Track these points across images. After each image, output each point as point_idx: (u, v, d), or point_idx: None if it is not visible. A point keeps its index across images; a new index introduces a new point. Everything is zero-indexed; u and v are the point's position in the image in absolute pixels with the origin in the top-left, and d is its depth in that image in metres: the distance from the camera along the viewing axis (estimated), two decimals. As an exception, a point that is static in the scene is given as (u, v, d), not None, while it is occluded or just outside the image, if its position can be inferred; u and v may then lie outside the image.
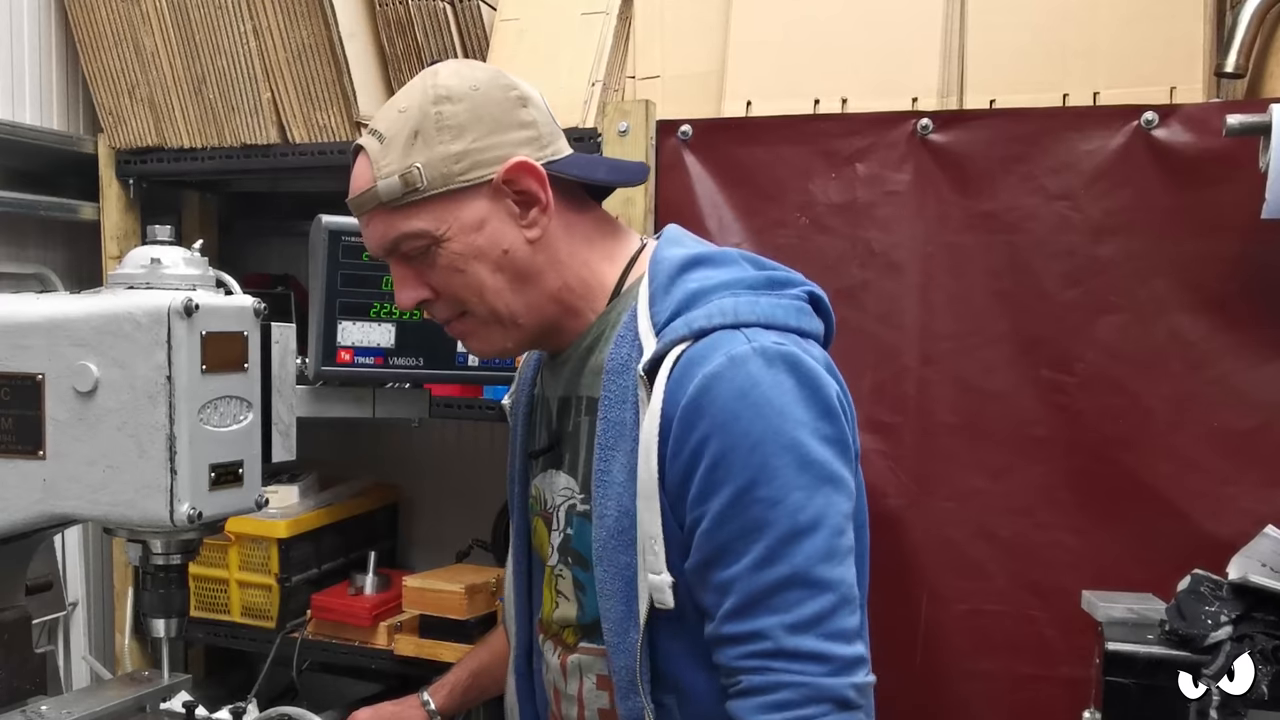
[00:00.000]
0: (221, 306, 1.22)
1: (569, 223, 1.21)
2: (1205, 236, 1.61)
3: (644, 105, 1.85)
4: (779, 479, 1.04)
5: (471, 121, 1.15)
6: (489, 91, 1.17)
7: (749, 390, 1.05)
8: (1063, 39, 1.75)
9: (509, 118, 1.17)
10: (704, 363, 1.06)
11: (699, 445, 1.06)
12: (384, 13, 2.01)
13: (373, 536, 2.48)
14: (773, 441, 1.04)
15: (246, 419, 1.25)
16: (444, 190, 1.15)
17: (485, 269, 1.17)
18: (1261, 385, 1.60)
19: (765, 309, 1.11)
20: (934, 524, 1.74)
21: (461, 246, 1.16)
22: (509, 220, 1.17)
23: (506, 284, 1.18)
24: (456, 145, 1.15)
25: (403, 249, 1.19)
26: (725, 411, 1.05)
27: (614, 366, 1.16)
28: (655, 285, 1.15)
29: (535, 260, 1.18)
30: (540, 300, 1.20)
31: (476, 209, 1.16)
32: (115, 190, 2.30)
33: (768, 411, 1.04)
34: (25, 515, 1.23)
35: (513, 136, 1.16)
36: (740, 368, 1.06)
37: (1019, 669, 1.70)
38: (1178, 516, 1.62)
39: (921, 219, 1.74)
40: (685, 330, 1.09)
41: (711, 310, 1.10)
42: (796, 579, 1.03)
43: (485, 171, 1.15)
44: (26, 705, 1.30)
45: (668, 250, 1.19)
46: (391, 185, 1.16)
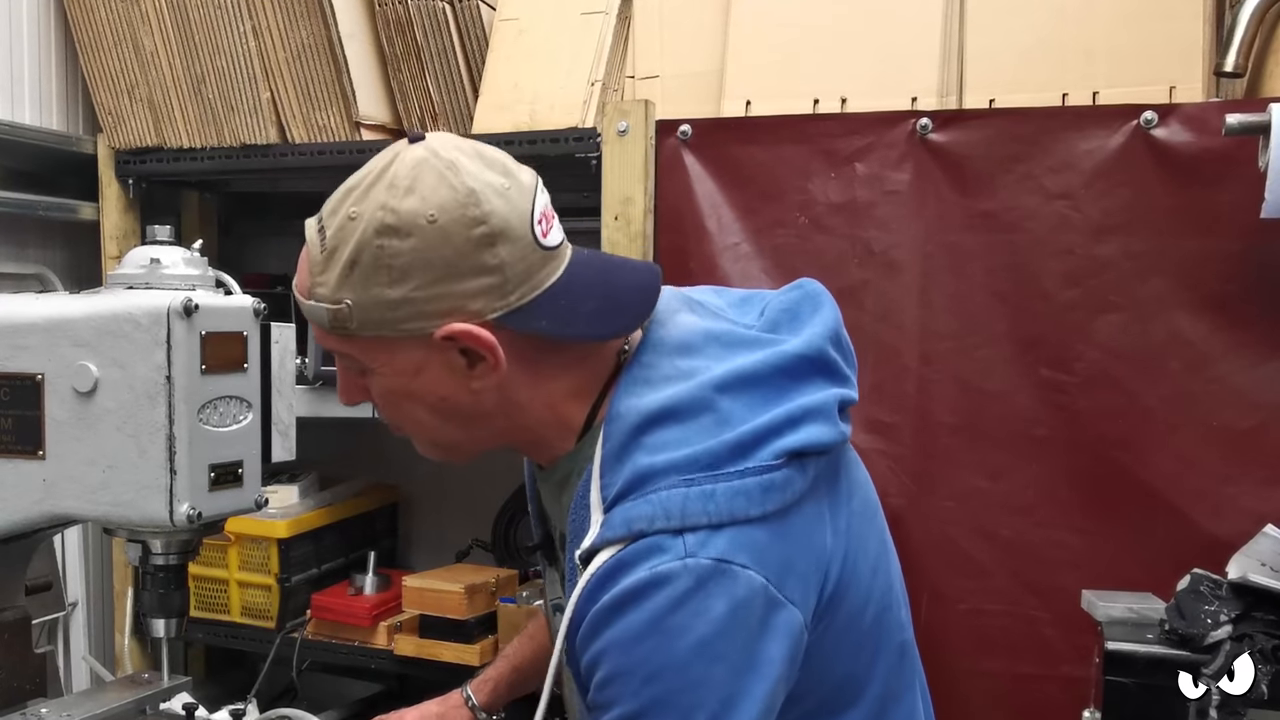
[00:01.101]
0: (221, 306, 1.22)
1: (534, 365, 1.05)
2: (1205, 236, 1.61)
3: (643, 105, 1.85)
4: (674, 714, 0.93)
5: (417, 266, 0.97)
6: (448, 227, 0.97)
7: (666, 614, 0.93)
8: (1062, 39, 1.75)
9: (466, 263, 0.98)
10: (626, 574, 0.95)
11: (596, 657, 0.96)
12: (383, 12, 2.01)
13: (372, 536, 2.48)
14: (675, 675, 0.93)
15: (246, 419, 1.25)
16: (375, 335, 1.01)
17: (421, 409, 1.06)
18: (1261, 385, 1.60)
19: (721, 502, 0.96)
20: (934, 523, 1.74)
21: (394, 385, 1.05)
22: (452, 371, 1.03)
23: (444, 422, 1.07)
24: (395, 292, 0.98)
25: (337, 360, 1.10)
26: (629, 631, 0.94)
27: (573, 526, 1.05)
28: (609, 447, 1.02)
29: (481, 405, 1.05)
30: (487, 436, 1.09)
31: (412, 356, 1.02)
32: (115, 190, 2.29)
33: (679, 642, 0.93)
34: (25, 515, 1.23)
35: (466, 286, 0.98)
36: (662, 588, 0.93)
37: (1019, 668, 1.70)
38: (1177, 516, 1.62)
39: (921, 219, 1.74)
40: (624, 530, 0.97)
41: (654, 509, 0.96)
42: None
43: (425, 324, 1.00)
44: (26, 708, 1.30)
45: (628, 400, 1.02)
46: (319, 313, 1.02)
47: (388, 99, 2.09)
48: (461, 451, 1.13)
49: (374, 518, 2.52)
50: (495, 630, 2.10)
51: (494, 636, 2.10)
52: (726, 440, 0.99)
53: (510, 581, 2.18)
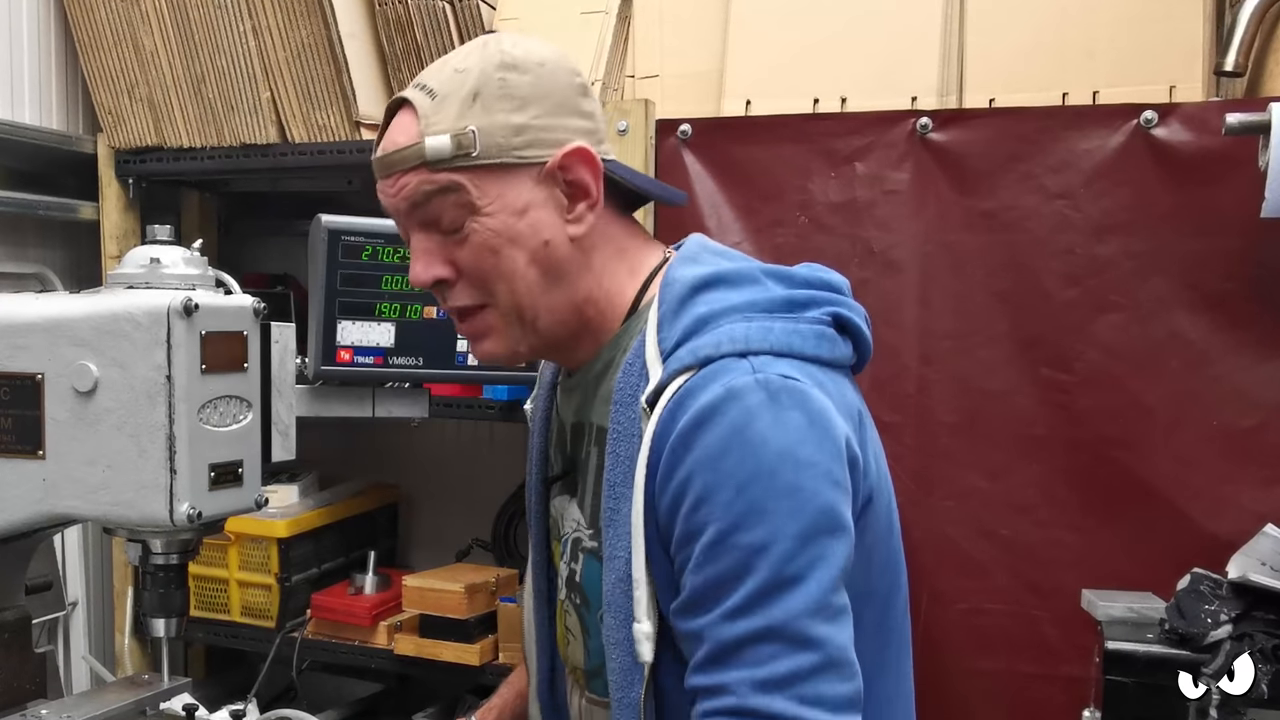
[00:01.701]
0: (221, 306, 1.22)
1: (606, 231, 1.12)
2: (1205, 235, 1.61)
3: (643, 104, 1.85)
4: (767, 524, 0.93)
5: (536, 96, 1.06)
6: (555, 71, 1.08)
7: (744, 426, 0.95)
8: (1062, 38, 1.75)
9: (572, 102, 1.08)
10: (701, 394, 0.97)
11: (683, 483, 0.97)
12: (383, 12, 2.01)
13: (372, 536, 2.48)
14: (765, 483, 0.94)
15: (246, 419, 1.25)
16: (497, 162, 1.05)
17: (522, 256, 1.07)
18: (1261, 384, 1.60)
19: (779, 336, 1.01)
20: (934, 523, 1.74)
21: (501, 225, 1.06)
22: (555, 210, 1.07)
23: (539, 278, 1.08)
24: (518, 117, 1.05)
25: (434, 212, 1.08)
26: (713, 447, 0.95)
27: (621, 397, 1.07)
28: (665, 308, 1.06)
29: (572, 260, 1.09)
30: (564, 305, 1.11)
31: (524, 190, 1.06)
32: (115, 190, 2.29)
33: (763, 450, 0.94)
34: (25, 515, 1.22)
35: (574, 123, 1.08)
36: (738, 400, 0.96)
37: (1019, 668, 1.70)
38: (1177, 515, 1.62)
39: (921, 218, 1.74)
40: (690, 359, 1.00)
41: (719, 337, 1.01)
42: (773, 632, 0.93)
43: (543, 152, 1.06)
44: (26, 709, 1.30)
45: (680, 269, 1.09)
46: (440, 144, 1.04)
47: (388, 98, 2.09)
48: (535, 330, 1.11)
49: (374, 517, 2.52)
50: (495, 630, 2.10)
51: (494, 636, 2.10)
52: (779, 295, 1.06)
53: (510, 581, 2.18)
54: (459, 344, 1.58)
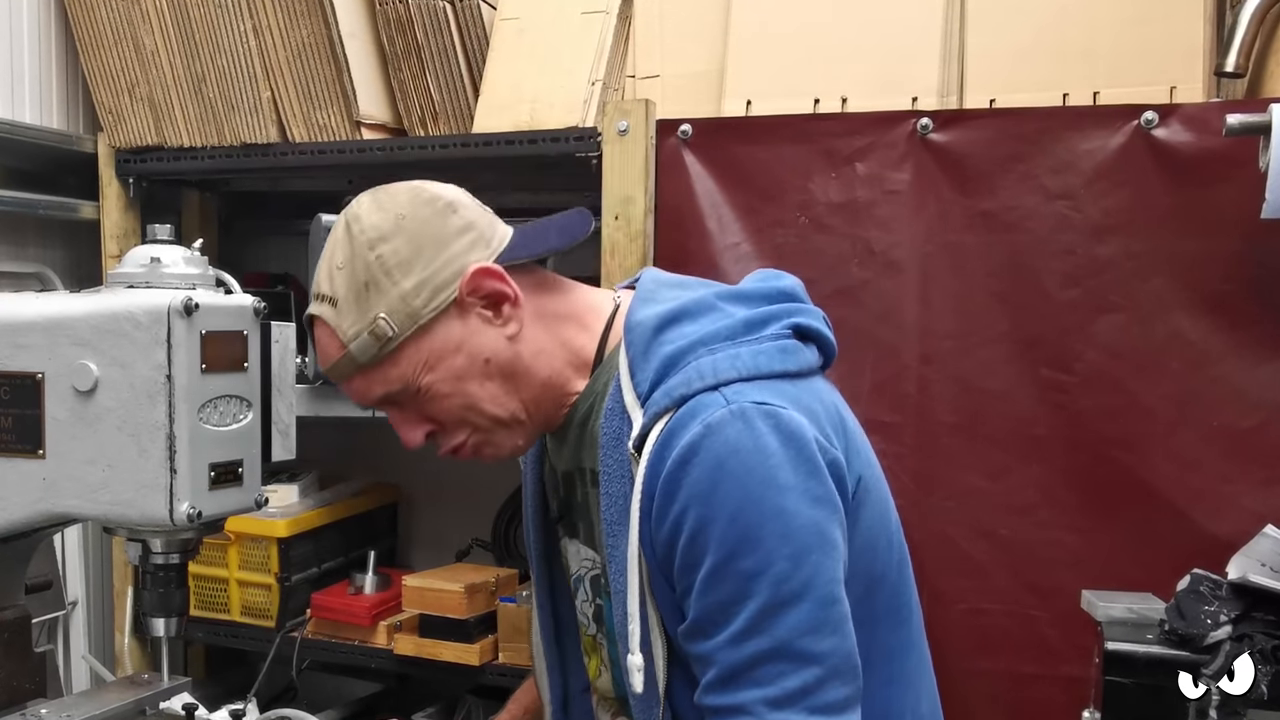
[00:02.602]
0: (221, 306, 1.22)
1: (538, 307, 1.17)
2: (1205, 236, 1.61)
3: (644, 104, 1.85)
4: (761, 549, 0.99)
5: (413, 251, 1.11)
6: (415, 213, 1.13)
7: (727, 458, 1.00)
8: (1063, 39, 1.75)
9: (446, 230, 1.13)
10: (682, 433, 1.02)
11: (678, 518, 1.02)
12: (384, 12, 2.01)
13: (372, 536, 2.48)
14: (754, 510, 0.99)
15: (246, 418, 1.25)
16: (415, 328, 1.12)
17: (474, 383, 1.15)
18: (1261, 384, 1.60)
19: (746, 360, 1.06)
20: (934, 523, 1.74)
21: (444, 373, 1.14)
22: (482, 327, 1.14)
23: (499, 388, 1.16)
24: (410, 281, 1.11)
25: (390, 397, 1.17)
26: (702, 482, 1.00)
27: (607, 440, 1.12)
28: (633, 351, 1.11)
29: (520, 356, 1.15)
30: (535, 392, 1.17)
31: (450, 332, 1.13)
32: (115, 189, 2.29)
33: (747, 480, 1.00)
34: (25, 514, 1.22)
35: (457, 247, 1.13)
36: (717, 435, 1.01)
37: (1019, 668, 1.70)
38: (1177, 516, 1.62)
39: (921, 218, 1.74)
40: (667, 401, 1.05)
41: (690, 374, 1.05)
42: (780, 652, 0.99)
43: (447, 294, 1.12)
44: (26, 708, 1.30)
45: (640, 311, 1.14)
46: (364, 345, 1.13)
47: (388, 98, 2.09)
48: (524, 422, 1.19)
49: (374, 517, 2.52)
50: (495, 630, 2.10)
51: (494, 636, 2.10)
52: (739, 319, 1.11)
53: (510, 581, 2.18)
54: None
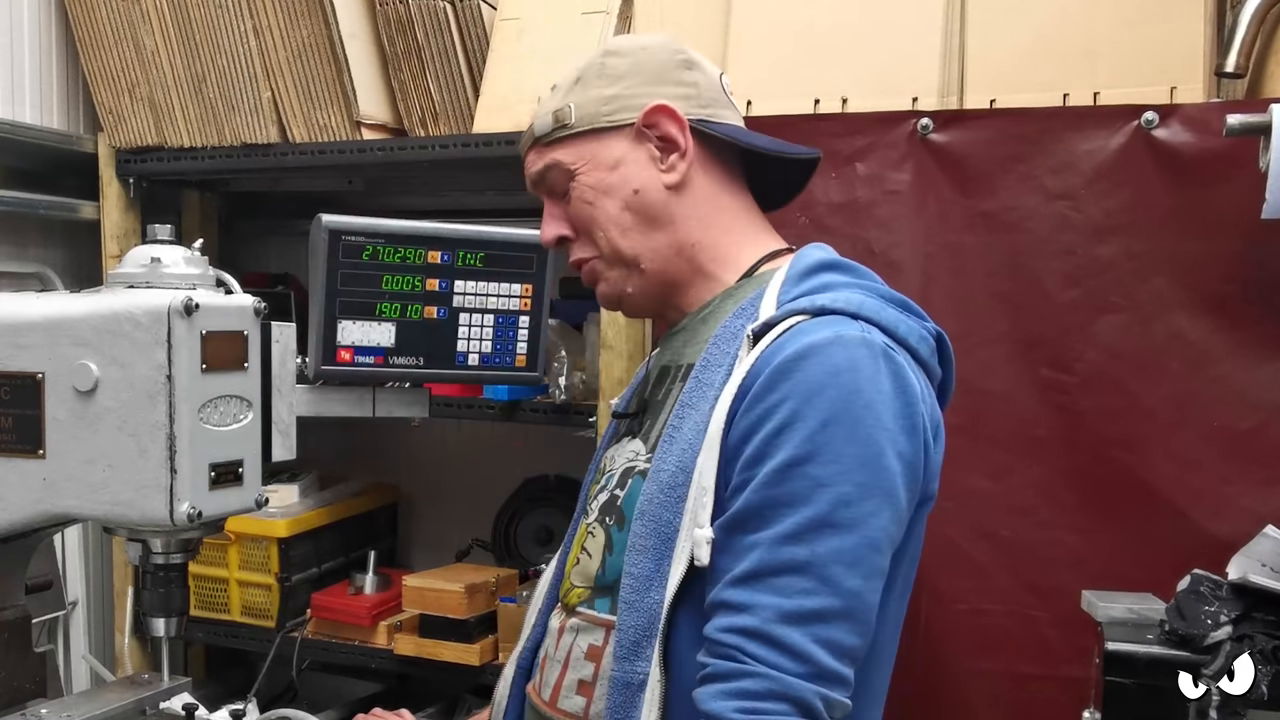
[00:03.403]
0: (221, 306, 1.22)
1: (718, 189, 1.23)
2: (1205, 236, 1.61)
3: (644, 105, 1.84)
4: (838, 464, 0.99)
5: (630, 71, 1.20)
6: (655, 51, 1.22)
7: (844, 370, 1.01)
8: (1063, 39, 1.75)
9: (668, 74, 1.21)
10: (812, 333, 1.04)
11: (774, 405, 1.02)
12: (384, 12, 2.01)
13: (372, 536, 2.48)
14: (848, 425, 1.00)
15: (246, 418, 1.25)
16: (589, 128, 1.20)
17: (614, 205, 1.20)
18: (1261, 385, 1.60)
19: (891, 318, 1.09)
20: (934, 523, 1.72)
21: (594, 181, 1.20)
22: (647, 163, 1.20)
23: (635, 222, 1.20)
24: (610, 90, 1.20)
25: (547, 181, 1.24)
26: (813, 381, 1.01)
27: (723, 334, 1.14)
28: (791, 273, 1.15)
29: (669, 206, 1.20)
30: (666, 248, 1.21)
31: (616, 149, 1.20)
32: (115, 189, 2.30)
33: (854, 399, 1.00)
34: (25, 514, 1.22)
35: (666, 90, 1.20)
36: (844, 348, 1.02)
37: (1019, 668, 1.70)
38: (1178, 516, 1.62)
39: (921, 219, 1.74)
40: (807, 305, 1.08)
41: (837, 296, 1.09)
42: (812, 568, 0.98)
43: (630, 115, 1.19)
44: (26, 708, 1.30)
45: (813, 251, 1.19)
46: (545, 121, 1.22)
47: (388, 98, 2.10)
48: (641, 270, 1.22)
49: (374, 517, 2.52)
50: (495, 630, 2.10)
51: (494, 636, 2.10)
52: (895, 296, 1.16)
53: (510, 581, 2.18)
54: (459, 344, 1.58)
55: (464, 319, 1.57)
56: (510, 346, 1.60)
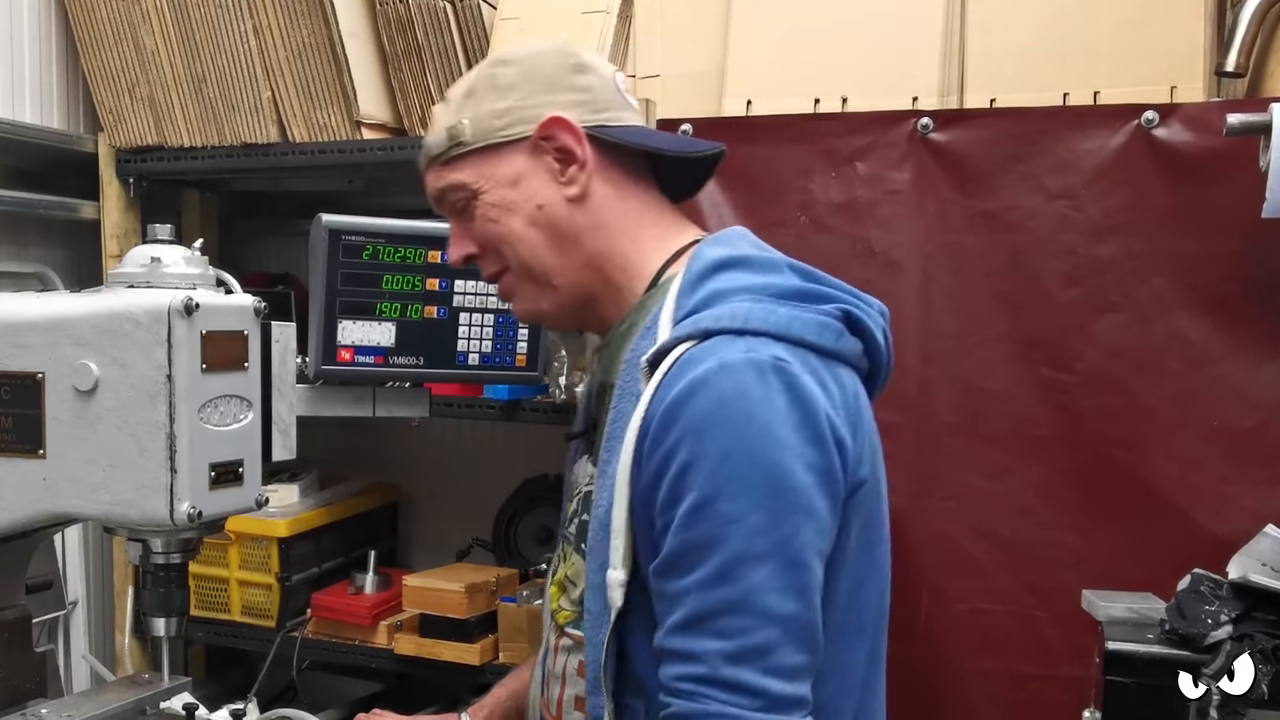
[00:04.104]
0: (222, 305, 1.22)
1: (622, 194, 1.20)
2: (1205, 236, 1.61)
3: (644, 104, 1.84)
4: (744, 497, 0.98)
5: (520, 81, 1.18)
6: (546, 57, 1.20)
7: (732, 400, 1.00)
8: (1063, 38, 1.75)
9: (560, 80, 1.18)
10: (696, 365, 1.02)
11: (671, 449, 1.01)
12: (384, 11, 2.01)
13: (373, 535, 2.48)
14: (745, 456, 0.99)
15: (246, 418, 1.25)
16: (484, 144, 1.18)
17: (518, 222, 1.18)
18: (1262, 384, 1.60)
19: (781, 320, 1.05)
20: (934, 523, 1.74)
21: (496, 198, 1.18)
22: (548, 177, 1.17)
23: (542, 239, 1.18)
24: (502, 103, 1.17)
25: (449, 200, 1.22)
26: (702, 418, 1.00)
27: (632, 358, 1.12)
28: (685, 281, 1.12)
29: (574, 220, 1.18)
30: (576, 263, 1.19)
31: (514, 164, 1.17)
32: (115, 189, 2.29)
33: (746, 427, 0.99)
34: (25, 514, 1.22)
35: (560, 98, 1.17)
36: (729, 375, 1.00)
37: (1019, 668, 1.70)
38: (1178, 516, 1.62)
39: (922, 218, 1.74)
40: (692, 329, 1.05)
41: (721, 313, 1.06)
42: (744, 605, 0.98)
43: (524, 128, 1.17)
44: (26, 708, 1.30)
45: (710, 249, 1.15)
46: (439, 139, 1.20)
47: (388, 98, 2.09)
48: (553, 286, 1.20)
49: (374, 517, 2.52)
50: (495, 630, 2.10)
51: (494, 636, 2.10)
52: (794, 284, 1.11)
53: (511, 581, 2.18)
54: (459, 343, 1.58)
55: (464, 319, 1.57)
56: (510, 346, 1.61)
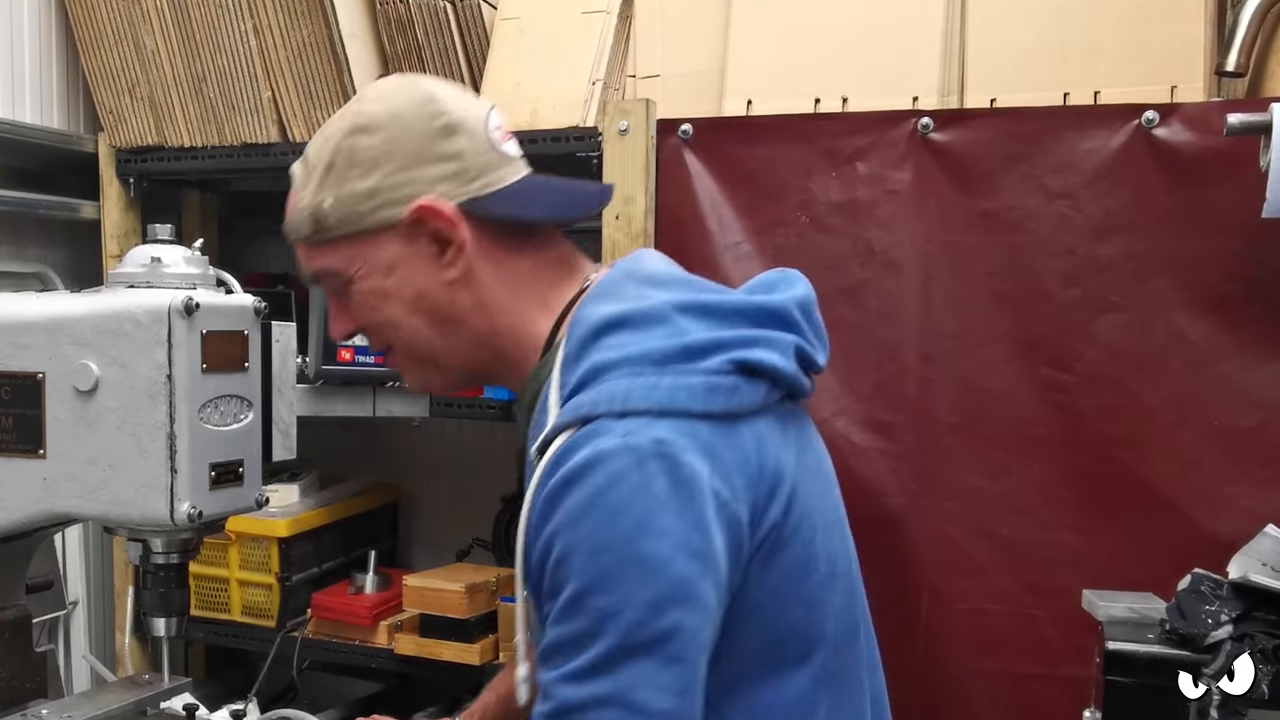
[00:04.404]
0: (222, 305, 1.22)
1: (504, 267, 1.11)
2: (1206, 236, 1.61)
3: (644, 104, 1.85)
4: (620, 589, 0.94)
5: (385, 155, 1.07)
6: (409, 121, 1.08)
7: (607, 490, 0.95)
8: (1064, 38, 1.75)
9: (428, 149, 1.08)
10: (573, 455, 0.97)
11: (549, 540, 0.98)
12: (384, 11, 2.01)
13: (373, 535, 2.48)
14: (621, 548, 0.94)
15: (247, 418, 1.25)
16: (353, 231, 1.09)
17: (399, 309, 1.11)
18: (1262, 384, 1.60)
19: (664, 394, 0.99)
20: (934, 523, 1.74)
21: (372, 286, 1.11)
22: (425, 262, 1.09)
23: (425, 324, 1.12)
24: (366, 182, 1.07)
25: (322, 280, 1.15)
26: (575, 510, 0.96)
27: (533, 435, 1.07)
28: (568, 350, 1.06)
29: (457, 302, 1.11)
30: (464, 344, 1.13)
31: (387, 250, 1.09)
32: (115, 189, 2.29)
33: (620, 517, 0.94)
34: (25, 514, 1.23)
35: (430, 172, 1.07)
36: (604, 465, 0.95)
37: (1019, 668, 1.70)
38: (1178, 516, 1.62)
39: (922, 218, 1.74)
40: (572, 417, 1.00)
41: (601, 395, 0.99)
42: (618, 699, 0.94)
43: (394, 212, 1.07)
44: (27, 709, 1.30)
45: (590, 307, 1.07)
46: (301, 221, 1.11)
47: (388, 98, 2.09)
48: (443, 368, 1.15)
49: (374, 517, 2.52)
50: (496, 629, 2.10)
51: (494, 635, 2.10)
52: (678, 343, 1.02)
53: (511, 581, 2.17)
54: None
55: (464, 318, 1.57)
56: (510, 346, 1.60)
